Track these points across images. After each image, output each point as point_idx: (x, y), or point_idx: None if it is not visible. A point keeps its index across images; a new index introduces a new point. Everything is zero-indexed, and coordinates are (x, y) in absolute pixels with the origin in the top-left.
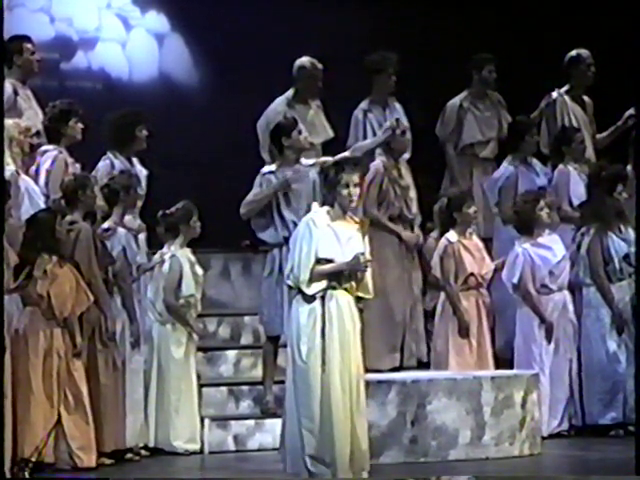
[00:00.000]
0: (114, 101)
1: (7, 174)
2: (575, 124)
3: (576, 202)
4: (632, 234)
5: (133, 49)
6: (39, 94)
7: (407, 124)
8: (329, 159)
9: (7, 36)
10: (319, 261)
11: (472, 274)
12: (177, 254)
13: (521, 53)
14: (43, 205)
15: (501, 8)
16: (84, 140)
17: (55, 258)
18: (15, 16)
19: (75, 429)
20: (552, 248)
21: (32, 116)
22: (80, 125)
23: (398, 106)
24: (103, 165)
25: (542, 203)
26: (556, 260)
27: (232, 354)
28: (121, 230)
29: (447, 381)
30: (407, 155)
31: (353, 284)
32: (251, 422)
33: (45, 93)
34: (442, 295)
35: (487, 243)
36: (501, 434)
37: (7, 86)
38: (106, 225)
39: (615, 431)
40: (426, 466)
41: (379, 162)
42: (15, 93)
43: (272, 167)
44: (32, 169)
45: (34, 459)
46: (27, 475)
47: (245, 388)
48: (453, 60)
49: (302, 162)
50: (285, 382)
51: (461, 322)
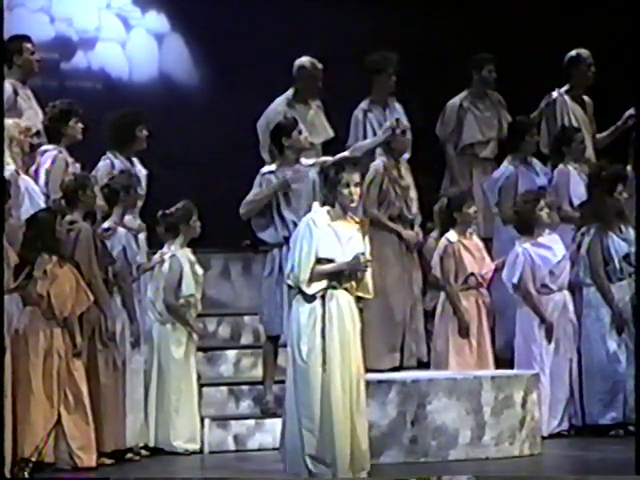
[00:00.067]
0: (114, 101)
1: (7, 174)
2: (575, 124)
3: (576, 202)
4: (632, 234)
5: (133, 49)
6: (39, 94)
7: (407, 124)
8: (329, 159)
9: (7, 36)
10: (319, 261)
11: (472, 274)
12: (177, 254)
13: (521, 53)
14: (43, 205)
15: (501, 8)
16: (84, 140)
17: (55, 258)
18: (15, 16)
19: (75, 429)
20: (552, 248)
21: (32, 116)
22: (80, 125)
23: (398, 106)
24: (103, 165)
25: (542, 203)
26: (556, 260)
27: (232, 354)
28: (121, 230)
29: (447, 381)
30: (407, 155)
31: (353, 284)
32: (251, 422)
33: (45, 93)
34: (442, 295)
35: (487, 243)
36: (501, 434)
37: (7, 86)
38: (106, 225)
39: (615, 431)
40: (426, 466)
41: (379, 162)
42: (15, 93)
43: (272, 167)
44: (32, 169)
45: (34, 459)
46: (27, 475)
47: (245, 388)
48: (453, 60)
49: (302, 162)
50: (285, 382)
51: (461, 322)
